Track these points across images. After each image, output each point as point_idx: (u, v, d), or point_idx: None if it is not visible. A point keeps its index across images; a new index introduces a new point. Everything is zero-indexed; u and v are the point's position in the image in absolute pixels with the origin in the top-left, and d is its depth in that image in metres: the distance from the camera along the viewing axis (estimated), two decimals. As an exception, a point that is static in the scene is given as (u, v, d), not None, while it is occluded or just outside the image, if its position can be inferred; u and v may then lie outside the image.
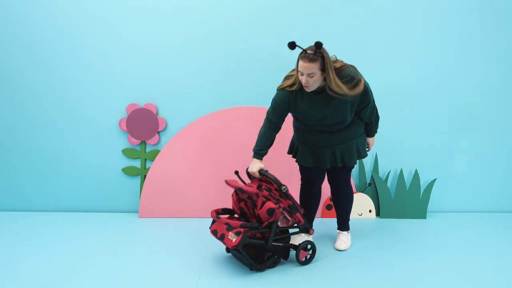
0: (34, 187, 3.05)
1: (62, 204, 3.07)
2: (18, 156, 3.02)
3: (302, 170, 2.42)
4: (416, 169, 3.09)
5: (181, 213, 3.00)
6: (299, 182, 2.49)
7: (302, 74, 1.97)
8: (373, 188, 3.11)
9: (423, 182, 3.18)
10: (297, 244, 2.17)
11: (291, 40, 1.92)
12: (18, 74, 2.96)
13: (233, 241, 1.95)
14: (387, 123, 3.11)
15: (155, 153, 3.02)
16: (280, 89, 2.15)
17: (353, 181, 3.08)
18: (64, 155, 3.04)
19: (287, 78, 2.17)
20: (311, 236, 2.46)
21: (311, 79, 1.96)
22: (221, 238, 2.03)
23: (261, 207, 2.06)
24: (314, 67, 1.92)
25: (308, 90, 2.03)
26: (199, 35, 2.99)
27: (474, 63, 3.14)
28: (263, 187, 2.10)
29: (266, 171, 2.15)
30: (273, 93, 3.06)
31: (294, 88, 2.08)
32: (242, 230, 1.94)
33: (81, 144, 3.03)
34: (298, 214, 2.13)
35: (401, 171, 3.08)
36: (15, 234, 2.54)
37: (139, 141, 3.02)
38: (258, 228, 2.00)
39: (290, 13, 3.00)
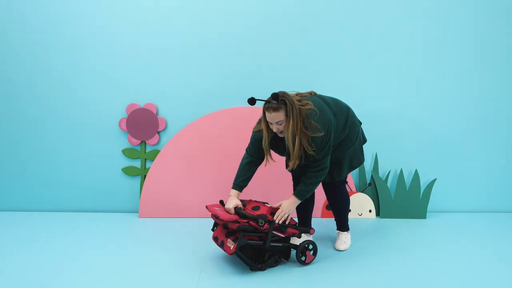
0: (34, 187, 3.05)
1: (62, 204, 3.07)
2: (18, 156, 3.02)
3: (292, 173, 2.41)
4: (416, 169, 3.09)
5: (181, 213, 3.00)
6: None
7: (271, 124, 1.99)
8: (373, 188, 3.11)
9: (423, 182, 3.18)
10: (298, 244, 2.16)
11: (249, 97, 1.93)
12: (18, 74, 2.97)
13: (231, 248, 1.97)
14: (387, 123, 3.12)
15: (155, 153, 3.02)
16: (256, 131, 2.15)
17: (353, 181, 3.09)
18: (64, 155, 3.04)
19: (259, 122, 2.16)
20: (310, 238, 2.47)
21: (281, 126, 1.97)
22: (221, 245, 2.08)
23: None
24: (280, 115, 1.93)
25: (282, 135, 2.03)
26: (199, 35, 2.99)
27: (474, 62, 3.14)
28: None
29: (241, 208, 2.10)
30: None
31: (266, 140, 2.07)
32: (238, 235, 1.97)
33: (81, 144, 3.03)
34: (289, 230, 2.10)
35: (401, 171, 3.08)
36: (15, 234, 2.54)
37: (139, 141, 3.02)
38: (255, 232, 2.00)
39: (290, 14, 3.00)
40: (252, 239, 2.01)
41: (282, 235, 2.11)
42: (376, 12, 3.04)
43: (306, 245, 2.14)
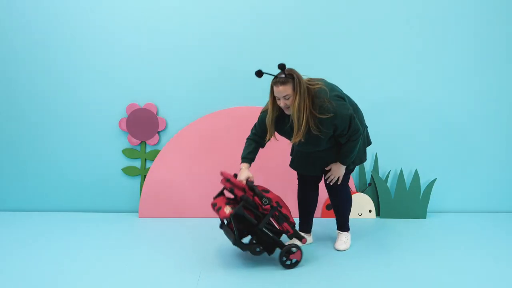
0: (34, 187, 3.05)
1: (62, 204, 3.07)
2: (18, 156, 3.02)
3: (298, 172, 2.44)
4: (416, 169, 3.09)
5: (181, 213, 3.00)
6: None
7: (279, 99, 2.00)
8: (373, 188, 3.11)
9: (423, 182, 3.18)
10: (285, 244, 2.12)
11: (257, 69, 1.98)
12: (18, 74, 2.97)
13: (227, 213, 1.97)
14: (387, 123, 3.12)
15: (155, 153, 3.02)
16: (264, 111, 2.18)
17: (353, 181, 3.09)
18: (64, 155, 3.04)
19: (267, 104, 2.17)
20: (310, 238, 2.48)
21: (288, 101, 1.98)
22: (217, 210, 2.07)
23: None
24: (288, 89, 1.95)
25: (288, 112, 2.04)
26: (199, 35, 2.99)
27: (474, 64, 3.14)
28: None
29: (252, 182, 2.11)
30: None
31: (270, 116, 2.09)
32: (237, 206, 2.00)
33: (81, 144, 3.03)
34: (285, 224, 2.09)
35: (401, 171, 3.08)
36: (15, 234, 2.54)
37: (139, 141, 3.02)
38: (255, 208, 2.01)
39: (291, 14, 3.00)
40: (248, 214, 2.01)
41: (277, 227, 2.11)
42: (376, 12, 3.04)
43: (290, 249, 2.08)
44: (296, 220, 2.74)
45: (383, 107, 3.09)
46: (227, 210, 2.00)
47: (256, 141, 2.24)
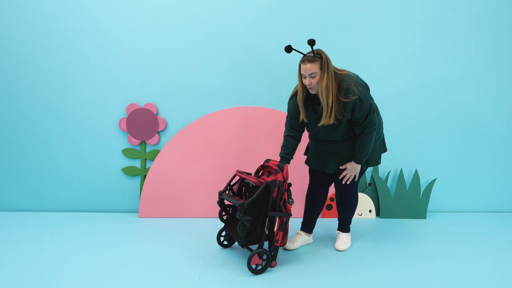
0: (34, 187, 3.05)
1: (62, 204, 3.07)
2: (18, 156, 3.02)
3: (311, 172, 2.45)
4: (416, 169, 3.09)
5: (181, 213, 3.00)
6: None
7: (305, 77, 2.04)
8: (373, 188, 3.11)
9: (423, 182, 3.18)
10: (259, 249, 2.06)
11: (287, 44, 2.00)
12: (18, 74, 2.96)
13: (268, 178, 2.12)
14: (387, 123, 3.11)
15: (155, 153, 3.02)
16: (290, 99, 2.26)
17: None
18: (64, 155, 3.04)
19: (294, 89, 2.25)
20: (310, 239, 2.47)
21: (314, 80, 2.02)
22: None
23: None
24: (315, 67, 1.99)
25: (313, 91, 2.08)
26: (199, 35, 2.99)
27: (474, 65, 3.14)
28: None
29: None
30: (272, 93, 3.09)
31: (300, 95, 2.13)
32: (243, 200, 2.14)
33: (81, 144, 3.03)
34: (280, 234, 2.08)
35: (401, 171, 3.08)
36: (15, 234, 2.54)
37: (139, 141, 3.02)
38: (279, 199, 2.06)
39: (291, 14, 3.00)
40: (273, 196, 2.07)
41: (274, 229, 2.10)
42: (377, 14, 3.04)
43: (260, 253, 2.03)
44: (296, 221, 2.75)
45: (383, 107, 3.08)
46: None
47: (291, 136, 2.28)
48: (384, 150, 2.42)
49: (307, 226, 2.47)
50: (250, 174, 2.27)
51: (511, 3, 3.11)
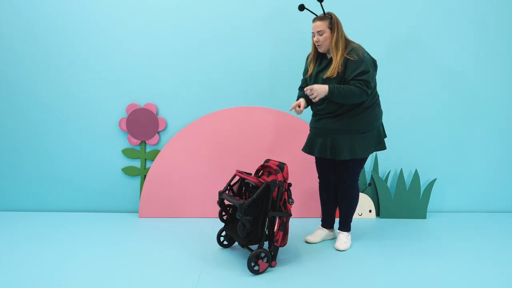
0: (34, 187, 3.05)
1: (62, 204, 3.07)
2: (18, 156, 3.02)
3: (318, 171, 2.50)
4: (416, 169, 3.09)
5: (181, 213, 3.00)
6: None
7: (314, 35, 2.25)
8: (373, 188, 3.11)
9: (423, 182, 3.18)
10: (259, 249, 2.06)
11: (300, 3, 2.20)
12: (18, 75, 2.96)
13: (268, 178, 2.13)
14: (387, 123, 3.11)
15: (155, 153, 3.02)
16: (307, 57, 2.46)
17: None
18: (64, 155, 3.04)
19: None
20: (332, 234, 2.56)
21: (321, 37, 2.22)
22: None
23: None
24: (323, 25, 2.21)
25: (321, 49, 2.27)
26: (199, 36, 3.00)
27: (474, 65, 3.14)
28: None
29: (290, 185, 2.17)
30: (272, 93, 3.09)
31: (311, 52, 2.37)
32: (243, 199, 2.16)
33: (81, 144, 3.03)
34: (281, 234, 2.08)
35: (401, 171, 3.08)
36: (15, 234, 2.54)
37: (139, 141, 3.03)
38: (279, 199, 2.06)
39: (291, 13, 3.00)
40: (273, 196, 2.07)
41: (275, 229, 2.10)
42: (377, 14, 3.04)
43: (258, 254, 2.03)
44: (296, 220, 2.75)
45: (383, 107, 3.08)
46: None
47: (301, 88, 2.46)
48: (382, 148, 2.40)
49: (325, 222, 2.56)
50: (250, 174, 2.27)
51: (511, 3, 3.11)
